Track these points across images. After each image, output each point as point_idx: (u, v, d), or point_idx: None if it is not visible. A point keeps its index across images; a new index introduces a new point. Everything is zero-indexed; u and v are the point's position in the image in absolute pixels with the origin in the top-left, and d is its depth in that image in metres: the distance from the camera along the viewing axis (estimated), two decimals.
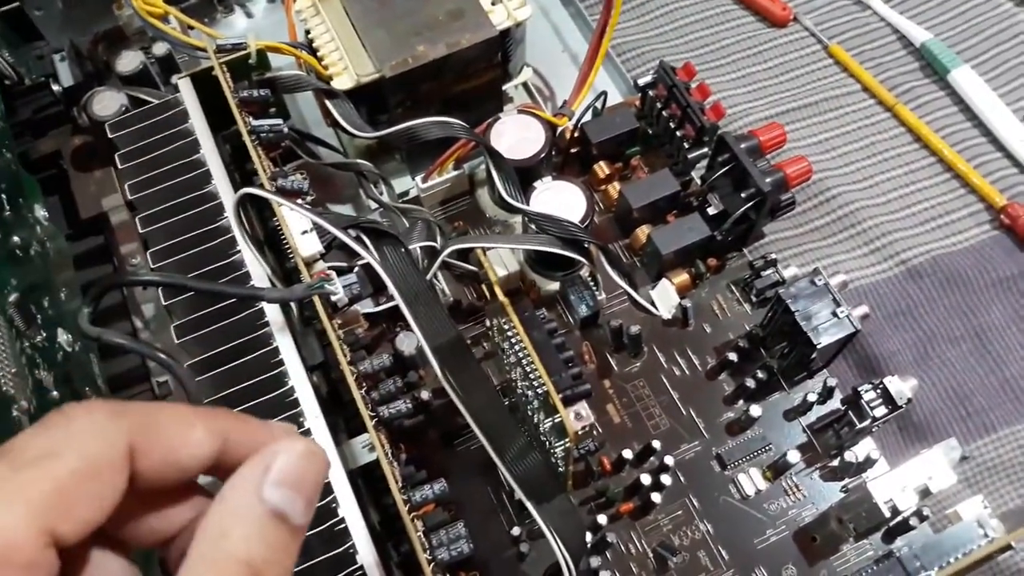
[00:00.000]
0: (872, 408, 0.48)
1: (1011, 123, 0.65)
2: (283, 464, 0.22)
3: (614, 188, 0.59)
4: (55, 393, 0.44)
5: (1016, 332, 0.58)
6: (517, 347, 0.41)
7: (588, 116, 0.60)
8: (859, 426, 0.48)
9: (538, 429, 0.44)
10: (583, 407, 0.40)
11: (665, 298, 0.53)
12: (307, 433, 0.42)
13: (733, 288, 0.56)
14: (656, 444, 0.50)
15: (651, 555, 0.49)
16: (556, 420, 0.40)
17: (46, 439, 0.20)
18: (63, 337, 0.48)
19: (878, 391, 0.48)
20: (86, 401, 0.22)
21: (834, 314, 0.49)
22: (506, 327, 0.43)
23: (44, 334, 0.46)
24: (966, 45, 0.70)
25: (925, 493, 0.45)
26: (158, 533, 0.24)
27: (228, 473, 0.23)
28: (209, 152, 0.50)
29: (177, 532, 0.24)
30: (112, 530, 0.22)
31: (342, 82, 0.54)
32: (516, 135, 0.56)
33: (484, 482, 0.50)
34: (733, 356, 0.53)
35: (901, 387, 0.48)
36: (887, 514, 0.45)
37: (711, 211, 0.55)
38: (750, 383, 0.52)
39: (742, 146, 0.53)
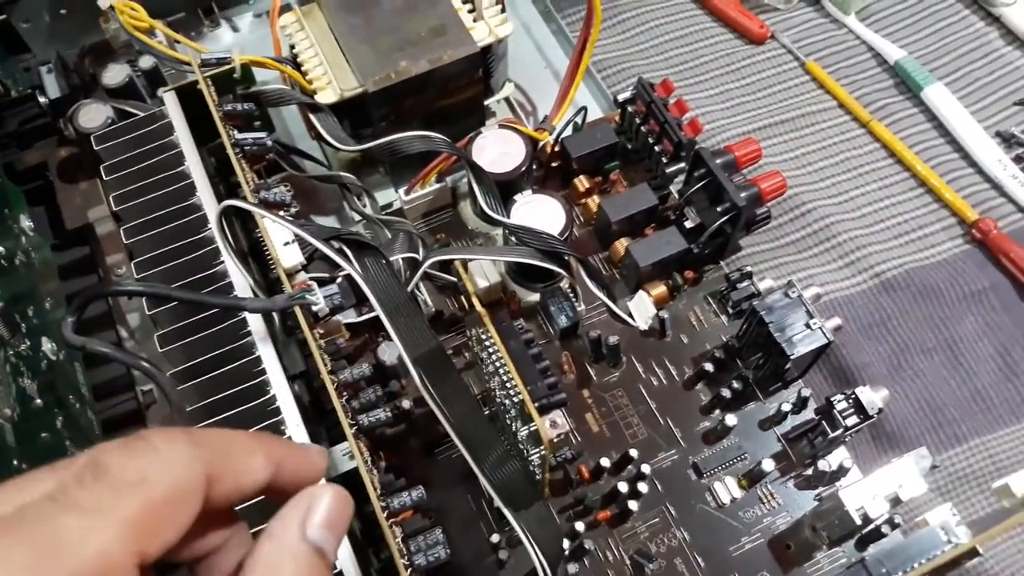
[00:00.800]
0: (844, 418, 0.49)
1: (983, 139, 0.66)
2: (325, 506, 0.25)
3: (593, 202, 0.60)
4: (39, 401, 0.44)
5: (987, 344, 0.59)
6: (494, 356, 0.42)
7: (568, 131, 0.61)
8: (832, 435, 0.49)
9: (516, 437, 0.45)
10: (558, 415, 0.40)
11: (642, 309, 0.54)
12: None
13: (710, 300, 0.57)
14: (634, 453, 0.51)
15: (628, 562, 0.49)
16: (532, 428, 0.41)
17: (138, 465, 0.21)
18: (47, 346, 0.48)
19: (850, 401, 0.49)
20: (165, 428, 0.23)
21: (807, 325, 0.50)
22: (484, 337, 0.44)
23: (28, 343, 0.46)
24: (939, 63, 0.72)
25: (896, 501, 0.45)
26: (195, 551, 0.25)
27: (272, 495, 0.25)
28: (194, 164, 0.51)
29: (211, 551, 0.25)
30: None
31: (326, 96, 0.55)
32: (497, 149, 0.57)
33: (465, 490, 0.51)
34: (709, 366, 0.54)
35: (872, 397, 0.49)
36: (858, 522, 0.45)
37: (688, 225, 0.56)
38: (726, 393, 0.53)
39: (718, 161, 0.54)
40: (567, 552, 0.47)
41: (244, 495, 0.24)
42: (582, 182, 0.61)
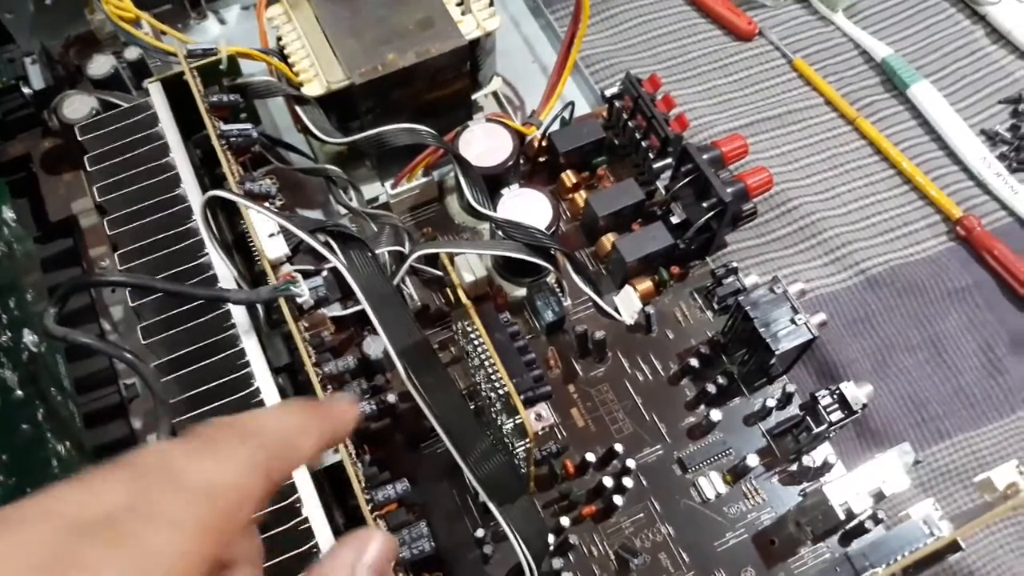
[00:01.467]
0: (829, 413, 0.49)
1: (968, 137, 0.67)
2: (375, 550, 0.25)
3: (580, 197, 0.60)
4: (19, 392, 0.44)
5: (970, 341, 0.60)
6: (480, 349, 0.42)
7: (556, 126, 0.61)
8: (816, 431, 0.49)
9: (502, 431, 0.45)
10: (544, 408, 0.40)
11: (628, 304, 0.54)
12: None
13: (696, 295, 0.57)
14: (619, 448, 0.51)
15: (613, 557, 0.49)
16: (517, 421, 0.41)
17: (206, 470, 0.22)
18: (29, 338, 0.48)
19: (835, 397, 0.50)
20: (226, 425, 0.23)
21: (792, 321, 0.50)
22: (470, 330, 0.43)
23: (9, 334, 0.46)
24: (925, 61, 0.72)
25: (879, 496, 0.46)
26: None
27: None
28: (179, 156, 0.51)
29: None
30: None
31: (312, 88, 0.54)
32: (484, 143, 0.57)
33: (450, 485, 0.51)
34: (695, 362, 0.54)
35: (856, 393, 0.49)
36: (842, 517, 0.46)
37: (674, 220, 0.56)
38: (711, 388, 0.53)
39: (704, 157, 0.54)
40: (552, 547, 0.47)
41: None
42: (569, 177, 0.61)
